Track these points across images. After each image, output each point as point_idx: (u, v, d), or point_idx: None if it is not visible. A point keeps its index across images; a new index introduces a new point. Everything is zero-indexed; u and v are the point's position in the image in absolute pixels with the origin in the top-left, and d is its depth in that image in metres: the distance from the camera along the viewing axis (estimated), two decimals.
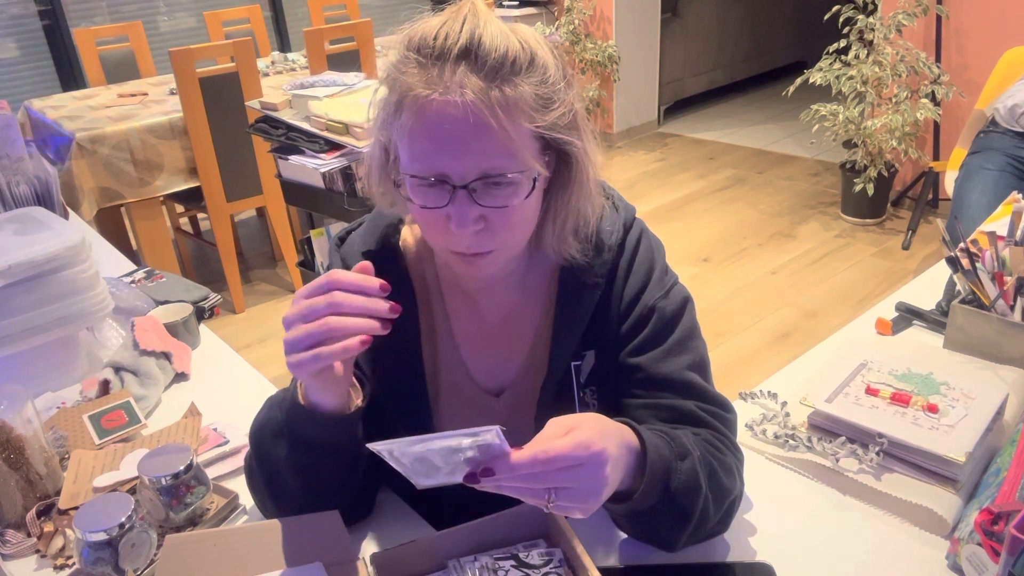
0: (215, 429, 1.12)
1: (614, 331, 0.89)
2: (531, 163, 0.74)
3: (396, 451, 0.66)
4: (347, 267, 0.92)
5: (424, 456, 0.66)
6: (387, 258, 0.92)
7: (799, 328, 2.95)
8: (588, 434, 0.66)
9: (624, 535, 0.88)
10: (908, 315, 1.30)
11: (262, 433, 0.86)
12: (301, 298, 0.73)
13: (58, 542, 0.93)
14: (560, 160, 0.80)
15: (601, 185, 0.91)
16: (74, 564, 0.90)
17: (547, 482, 0.65)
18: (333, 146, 1.95)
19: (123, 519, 0.83)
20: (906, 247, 3.51)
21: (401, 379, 0.91)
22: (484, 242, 0.78)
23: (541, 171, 0.76)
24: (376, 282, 0.72)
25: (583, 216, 0.84)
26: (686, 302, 0.90)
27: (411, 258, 0.94)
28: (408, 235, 0.95)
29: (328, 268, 0.95)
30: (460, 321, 0.93)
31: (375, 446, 0.67)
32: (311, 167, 1.95)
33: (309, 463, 0.83)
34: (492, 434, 0.63)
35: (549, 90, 0.75)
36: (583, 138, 0.79)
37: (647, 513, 0.78)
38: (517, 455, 0.64)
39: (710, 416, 0.85)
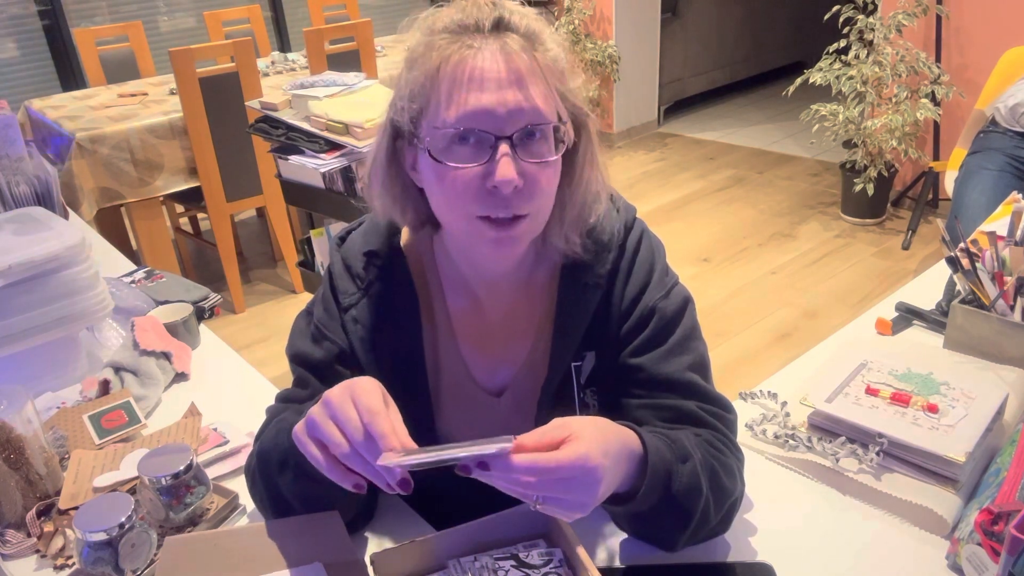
0: (215, 429, 1.12)
1: (615, 332, 0.89)
2: (564, 117, 0.78)
3: (406, 463, 0.66)
4: (347, 267, 0.92)
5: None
6: (388, 258, 0.92)
7: (799, 328, 2.95)
8: (588, 448, 0.66)
9: (624, 535, 0.88)
10: (908, 315, 1.30)
11: (268, 458, 0.85)
12: (349, 401, 0.69)
13: (58, 542, 0.93)
14: (573, 135, 0.82)
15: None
16: (74, 564, 0.90)
17: (540, 489, 0.65)
18: (333, 146, 1.94)
19: (123, 519, 0.83)
20: (906, 247, 3.51)
21: (402, 379, 0.91)
22: (519, 203, 0.77)
23: (571, 132, 0.79)
24: (392, 446, 0.67)
25: (587, 209, 0.85)
26: (686, 302, 0.90)
27: (412, 258, 0.93)
28: (409, 235, 0.95)
29: (328, 268, 0.95)
30: (461, 321, 0.93)
31: (386, 461, 0.66)
32: (311, 167, 1.95)
33: (314, 493, 0.82)
34: (505, 446, 0.63)
35: (565, 66, 0.80)
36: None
37: (648, 514, 0.78)
38: (517, 458, 0.64)
39: (711, 416, 0.85)
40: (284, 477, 0.83)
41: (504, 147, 0.74)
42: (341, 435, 0.69)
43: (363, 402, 0.69)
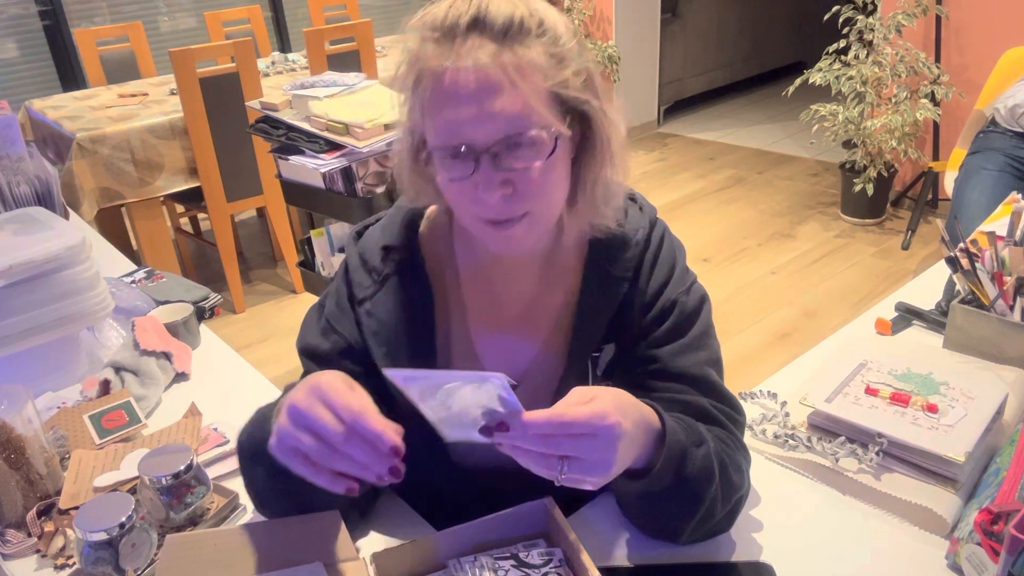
0: (215, 429, 1.12)
1: (636, 324, 0.89)
2: (551, 120, 0.75)
3: (409, 378, 0.66)
4: (364, 260, 0.93)
5: (439, 395, 0.66)
6: (405, 251, 0.92)
7: (799, 328, 2.95)
8: (605, 406, 0.67)
9: (626, 534, 0.88)
10: (908, 315, 1.30)
11: (243, 453, 0.86)
12: (320, 404, 0.69)
13: (58, 542, 0.93)
14: (582, 124, 0.80)
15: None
16: (74, 564, 0.90)
17: (559, 448, 0.66)
18: (333, 146, 1.94)
19: (123, 519, 0.83)
20: (906, 247, 3.51)
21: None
22: (514, 207, 0.77)
23: (562, 130, 0.77)
24: (392, 442, 0.68)
25: (612, 183, 0.84)
26: (704, 300, 0.91)
27: (429, 252, 0.94)
28: (427, 229, 0.95)
29: (344, 262, 0.95)
30: (477, 313, 0.93)
31: (390, 372, 0.66)
32: (311, 167, 1.95)
33: (287, 488, 0.81)
34: (499, 384, 0.64)
35: (561, 50, 0.76)
36: (600, 98, 0.80)
37: (659, 496, 0.78)
38: (533, 415, 0.65)
39: (722, 415, 0.86)
40: (257, 472, 0.83)
41: (485, 160, 0.75)
42: (319, 441, 0.68)
43: (338, 402, 0.69)
